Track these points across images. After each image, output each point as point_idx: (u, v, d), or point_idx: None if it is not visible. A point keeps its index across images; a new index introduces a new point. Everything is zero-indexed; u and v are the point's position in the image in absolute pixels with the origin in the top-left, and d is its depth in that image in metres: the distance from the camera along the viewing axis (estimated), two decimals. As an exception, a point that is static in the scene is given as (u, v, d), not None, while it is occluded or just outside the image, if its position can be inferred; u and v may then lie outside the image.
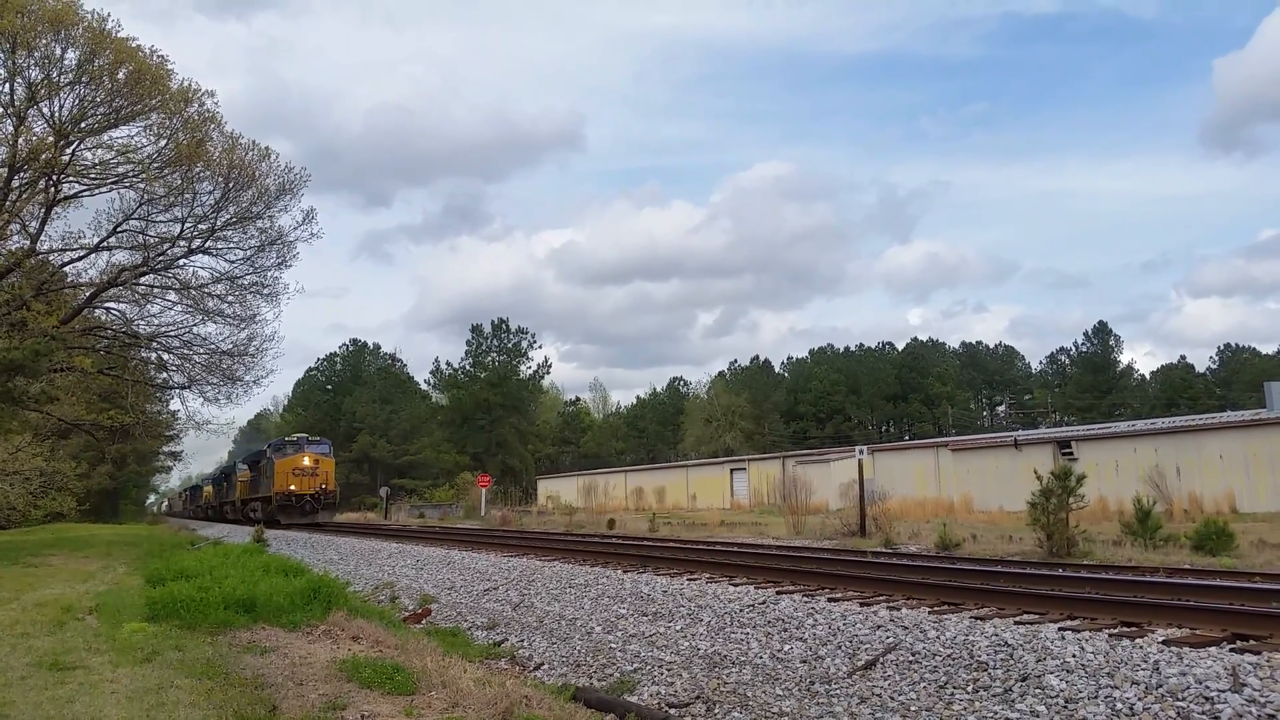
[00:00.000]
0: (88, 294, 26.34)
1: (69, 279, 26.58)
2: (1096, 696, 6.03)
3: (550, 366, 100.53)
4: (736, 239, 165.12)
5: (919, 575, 11.38)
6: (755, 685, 7.62)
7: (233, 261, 27.60)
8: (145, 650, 8.31)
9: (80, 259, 26.09)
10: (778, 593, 10.22)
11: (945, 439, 56.57)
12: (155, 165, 24.34)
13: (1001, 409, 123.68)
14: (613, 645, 9.52)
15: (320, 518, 37.62)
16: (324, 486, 38.16)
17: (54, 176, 23.67)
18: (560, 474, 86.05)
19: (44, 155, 22.57)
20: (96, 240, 25.47)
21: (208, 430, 31.21)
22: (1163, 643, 6.76)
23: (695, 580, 11.79)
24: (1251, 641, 6.73)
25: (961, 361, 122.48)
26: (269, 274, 28.10)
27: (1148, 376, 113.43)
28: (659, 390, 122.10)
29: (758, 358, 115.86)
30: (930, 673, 7.05)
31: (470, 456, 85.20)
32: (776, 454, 65.46)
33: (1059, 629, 7.41)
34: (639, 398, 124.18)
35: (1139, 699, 5.86)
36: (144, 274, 26.47)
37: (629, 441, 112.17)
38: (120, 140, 24.41)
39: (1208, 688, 5.79)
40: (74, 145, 23.77)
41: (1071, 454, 36.95)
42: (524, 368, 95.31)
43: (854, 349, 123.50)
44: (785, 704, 7.14)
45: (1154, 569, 12.49)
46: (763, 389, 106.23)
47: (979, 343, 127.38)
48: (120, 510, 76.15)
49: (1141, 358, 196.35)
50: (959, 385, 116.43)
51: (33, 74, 22.56)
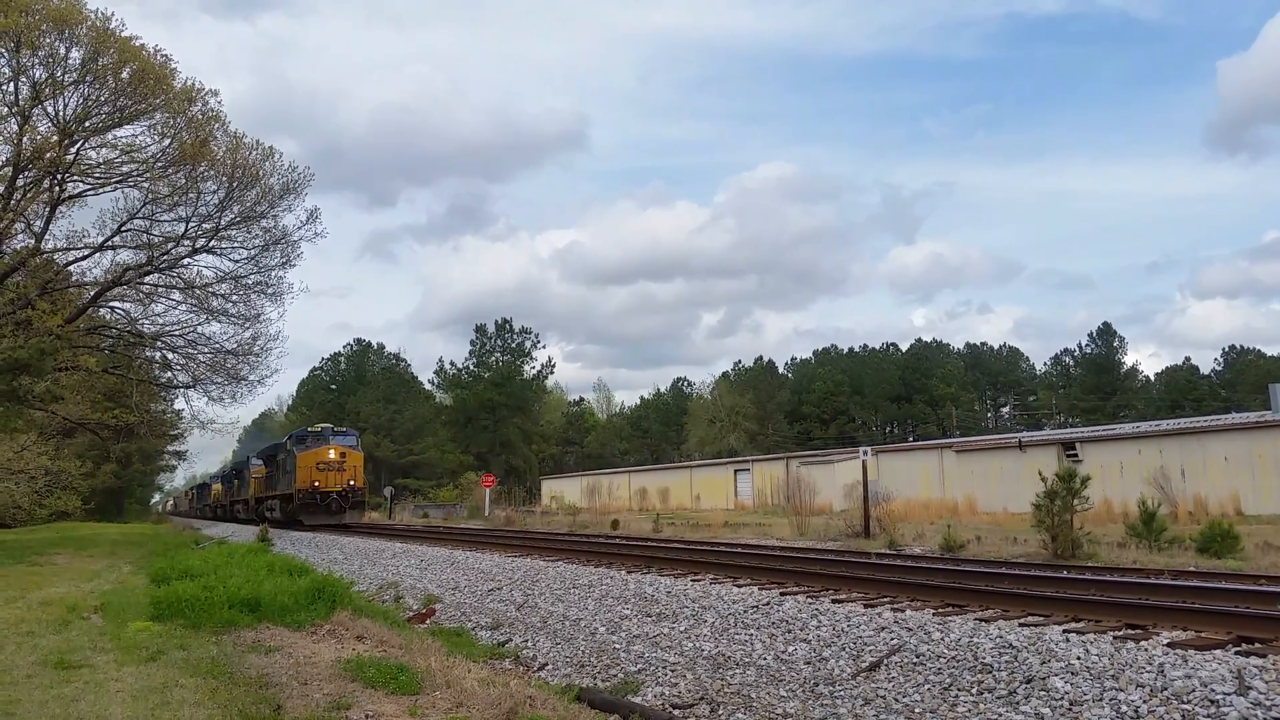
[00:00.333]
0: (92, 293, 26.39)
1: (73, 278, 26.63)
2: (1101, 699, 6.01)
3: (554, 367, 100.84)
4: (740, 239, 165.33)
5: (923, 577, 11.36)
6: (759, 686, 7.61)
7: (237, 261, 27.65)
8: (150, 649, 8.33)
9: (85, 258, 26.16)
10: (782, 594, 10.20)
11: (949, 440, 56.55)
12: (159, 164, 24.37)
13: (1006, 410, 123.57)
14: (617, 646, 9.52)
15: (347, 518, 34.08)
16: (352, 483, 34.31)
17: (58, 175, 23.71)
18: (564, 474, 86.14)
19: (48, 154, 22.61)
20: (101, 239, 25.52)
21: (212, 429, 31.24)
22: (1168, 645, 6.74)
23: (699, 581, 11.78)
24: (1257, 644, 6.70)
25: (966, 362, 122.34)
26: (273, 273, 28.14)
27: (1152, 378, 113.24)
28: (663, 391, 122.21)
29: (761, 358, 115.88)
30: (934, 675, 7.03)
31: (474, 456, 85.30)
32: (780, 455, 65.44)
33: (1063, 631, 7.38)
34: (643, 398, 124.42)
35: (1144, 702, 5.84)
36: (148, 273, 26.51)
37: (633, 442, 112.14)
38: (124, 139, 24.48)
39: (1213, 691, 5.77)
40: (78, 144, 23.82)
41: (1076, 456, 36.89)
42: (528, 368, 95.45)
43: (858, 350, 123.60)
44: (789, 705, 7.13)
45: (1159, 571, 12.46)
46: (766, 390, 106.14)
47: (983, 344, 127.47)
48: (125, 509, 76.22)
49: (1146, 359, 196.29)
50: (963, 386, 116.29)
51: (37, 73, 22.61)
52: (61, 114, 23.20)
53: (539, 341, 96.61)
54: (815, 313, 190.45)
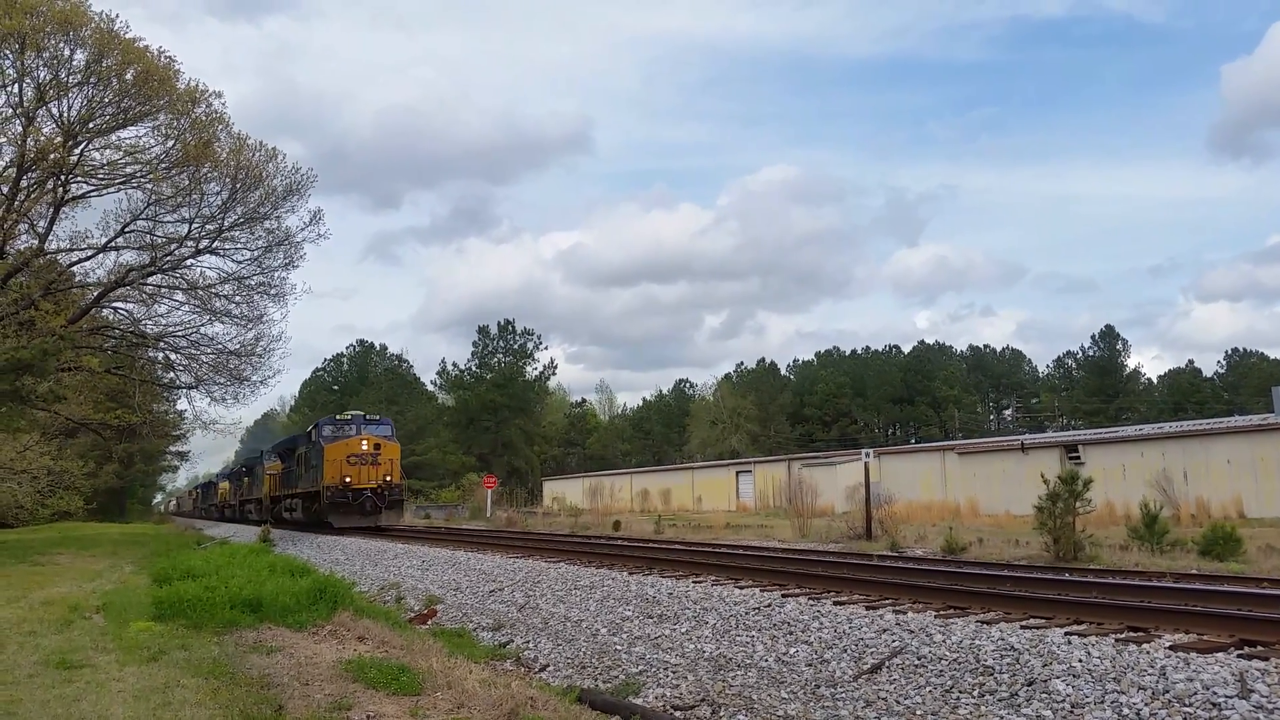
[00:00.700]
0: (95, 294, 26.43)
1: (77, 279, 26.68)
2: (1103, 702, 6.01)
3: (556, 368, 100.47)
4: (743, 241, 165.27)
5: (925, 579, 11.35)
6: (760, 688, 7.61)
7: (240, 262, 27.69)
8: (152, 649, 8.34)
9: (88, 259, 26.22)
10: (783, 595, 10.20)
11: (952, 442, 56.51)
12: (163, 166, 24.42)
13: (1008, 412, 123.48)
14: (618, 647, 9.51)
15: (383, 520, 30.04)
16: (388, 478, 30.18)
17: (62, 177, 23.77)
18: (566, 475, 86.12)
19: (52, 155, 22.66)
20: (104, 240, 25.57)
21: (214, 430, 31.26)
22: (1170, 648, 6.73)
23: (701, 582, 11.77)
24: (1259, 647, 6.69)
25: (968, 365, 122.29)
26: (276, 274, 28.18)
27: (1155, 381, 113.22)
28: (665, 392, 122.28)
29: (764, 360, 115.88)
30: (936, 677, 7.03)
31: (476, 457, 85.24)
32: (782, 456, 65.41)
33: (1065, 634, 7.37)
34: (645, 400, 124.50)
35: (1146, 704, 5.84)
36: (151, 274, 26.56)
37: (635, 443, 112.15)
38: (128, 141, 24.54)
39: (1215, 694, 5.77)
40: (82, 145, 23.89)
41: (1078, 458, 36.85)
42: (530, 369, 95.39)
43: (860, 352, 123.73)
44: (791, 707, 7.13)
45: (1161, 574, 12.44)
46: (769, 391, 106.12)
47: (986, 346, 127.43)
48: (127, 509, 76.26)
49: (1149, 362, 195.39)
50: (966, 389, 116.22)
51: (41, 74, 22.67)
52: (65, 115, 23.27)
53: (541, 343, 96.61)
54: (818, 315, 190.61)
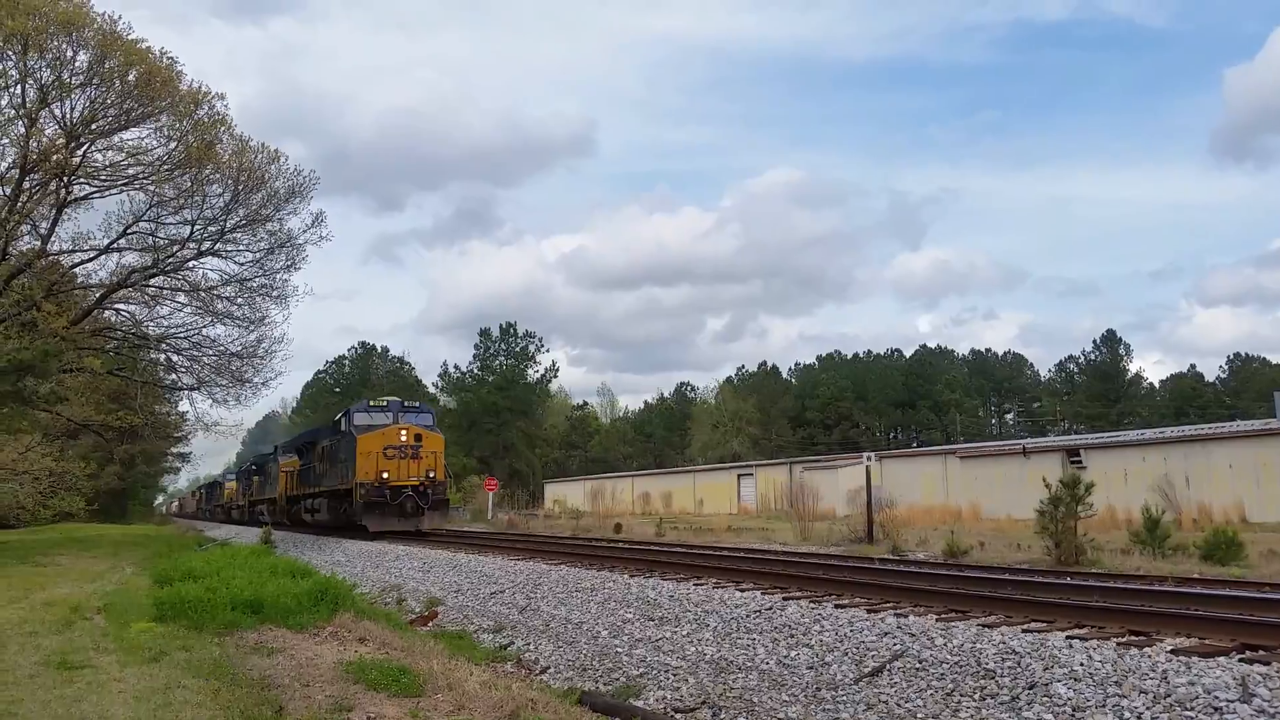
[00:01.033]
0: (98, 295, 26.46)
1: (79, 280, 26.71)
2: (1104, 705, 6.00)
3: (558, 370, 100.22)
4: (746, 244, 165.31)
5: (926, 582, 11.34)
6: (761, 691, 7.60)
7: (242, 264, 27.71)
8: (153, 650, 8.34)
9: (90, 260, 26.25)
10: (784, 598, 10.19)
11: (953, 446, 56.47)
12: (165, 167, 24.45)
13: (1010, 417, 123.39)
14: (619, 649, 9.51)
15: (426, 523, 25.75)
16: (431, 474, 25.90)
17: (65, 178, 23.78)
18: (567, 478, 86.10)
19: (55, 157, 22.70)
20: (106, 242, 25.62)
21: (216, 432, 31.33)
22: (1171, 652, 6.72)
23: (702, 585, 11.76)
24: (1261, 651, 6.68)
25: (970, 369, 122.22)
26: (278, 276, 28.20)
27: (1157, 385, 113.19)
28: (667, 395, 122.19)
29: (766, 363, 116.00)
30: (937, 680, 7.02)
31: (477, 460, 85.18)
32: (784, 460, 65.37)
33: (1067, 637, 7.37)
34: (647, 402, 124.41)
35: (1147, 708, 5.83)
36: (153, 275, 26.59)
37: (636, 446, 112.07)
38: (130, 142, 24.57)
39: (1216, 698, 5.75)
40: (84, 147, 23.91)
41: (1080, 462, 36.80)
42: (532, 372, 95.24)
43: (862, 355, 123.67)
44: (791, 710, 7.13)
45: (1162, 578, 12.42)
46: (770, 395, 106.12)
47: (988, 350, 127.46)
48: (129, 511, 76.27)
49: (1150, 366, 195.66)
50: (967, 392, 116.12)
51: (44, 76, 22.69)
52: (68, 117, 23.31)
53: (543, 345, 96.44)
54: (820, 318, 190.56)
